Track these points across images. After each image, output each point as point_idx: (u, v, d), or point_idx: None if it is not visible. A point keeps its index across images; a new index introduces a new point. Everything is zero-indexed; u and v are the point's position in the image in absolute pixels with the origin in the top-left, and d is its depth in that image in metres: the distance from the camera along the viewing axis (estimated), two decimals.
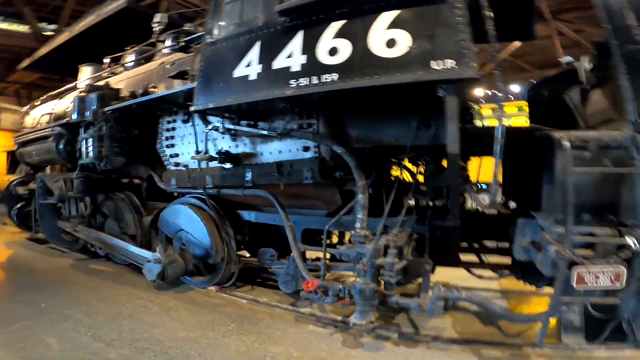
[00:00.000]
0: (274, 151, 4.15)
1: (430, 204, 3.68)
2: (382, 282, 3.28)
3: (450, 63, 2.62)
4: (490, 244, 4.30)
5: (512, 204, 5.03)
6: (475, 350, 3.40)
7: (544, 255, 2.72)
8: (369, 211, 3.53)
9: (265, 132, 3.98)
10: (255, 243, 5.02)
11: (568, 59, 4.10)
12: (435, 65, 2.66)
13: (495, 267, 4.10)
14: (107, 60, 6.98)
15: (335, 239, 5.26)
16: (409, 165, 4.53)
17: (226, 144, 4.55)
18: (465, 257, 4.48)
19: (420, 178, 3.93)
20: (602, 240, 2.45)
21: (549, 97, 4.13)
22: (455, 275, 4.44)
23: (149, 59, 6.19)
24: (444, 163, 3.88)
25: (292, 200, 4.39)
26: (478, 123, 4.63)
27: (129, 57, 6.63)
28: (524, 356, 3.27)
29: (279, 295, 4.59)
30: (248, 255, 5.59)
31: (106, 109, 5.30)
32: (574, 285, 2.47)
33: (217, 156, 4.32)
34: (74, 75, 7.83)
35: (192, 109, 3.97)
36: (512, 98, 12.69)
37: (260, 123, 4.13)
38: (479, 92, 9.20)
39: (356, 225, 3.35)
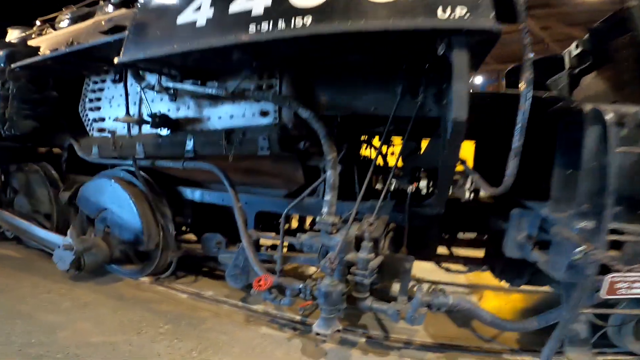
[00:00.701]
0: (224, 116, 3.25)
1: (411, 187, 3.00)
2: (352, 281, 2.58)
3: (461, 10, 1.91)
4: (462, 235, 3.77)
5: (483, 193, 4.57)
6: (452, 358, 2.87)
7: (556, 256, 2.14)
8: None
9: (213, 92, 3.07)
10: (200, 226, 4.14)
11: None
12: (441, 12, 1.94)
13: (469, 261, 3.55)
14: (38, 22, 5.79)
15: (295, 224, 4.50)
16: (376, 143, 3.85)
17: (165, 106, 3.58)
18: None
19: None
20: (637, 240, 1.89)
21: None
22: (418, 267, 3.79)
23: (86, 18, 4.98)
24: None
25: (244, 177, 3.56)
26: None
27: (65, 17, 5.35)
28: None
29: (228, 289, 3.77)
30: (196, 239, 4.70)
31: (13, 65, 4.18)
32: (603, 294, 1.92)
33: (149, 119, 3.34)
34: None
35: (117, 60, 2.98)
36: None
37: (209, 83, 3.23)
38: None
39: (323, 210, 2.61)
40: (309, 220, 4.43)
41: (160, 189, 3.87)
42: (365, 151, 3.92)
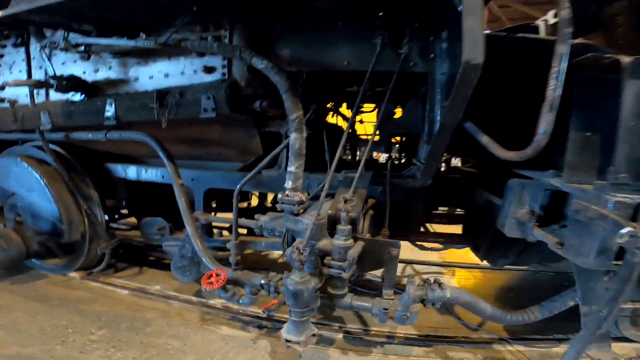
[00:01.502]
0: (158, 75, 2.48)
1: (390, 156, 2.42)
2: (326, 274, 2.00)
3: None
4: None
5: (456, 162, 4.11)
6: (442, 353, 2.44)
7: (579, 238, 1.66)
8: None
9: (139, 44, 2.26)
10: (141, 210, 3.35)
11: None
12: None
13: (448, 240, 3.07)
14: None
15: (255, 202, 3.82)
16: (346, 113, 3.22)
17: (79, 69, 2.74)
18: None
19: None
20: None
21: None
22: None
23: None
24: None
25: (191, 149, 2.81)
26: None
27: None
28: (499, 358, 2.40)
29: (180, 281, 3.02)
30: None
31: None
32: None
33: (52, 82, 2.47)
34: None
35: (2, 13, 2.12)
36: None
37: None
38: None
39: (286, 184, 1.97)
40: (270, 197, 3.76)
41: (82, 167, 3.02)
42: (333, 118, 3.29)
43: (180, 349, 2.38)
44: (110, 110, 2.52)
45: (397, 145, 3.39)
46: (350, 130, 2.50)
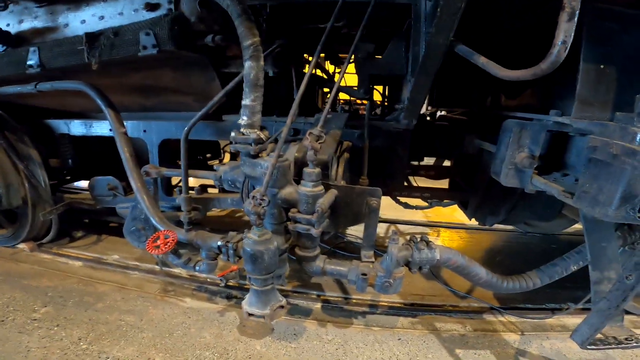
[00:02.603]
0: (91, 19, 2.03)
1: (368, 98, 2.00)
2: (293, 231, 1.59)
3: None
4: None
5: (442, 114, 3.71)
6: (429, 324, 2.12)
7: (595, 183, 1.28)
8: (264, 108, 1.77)
9: None
10: (93, 169, 2.86)
11: None
12: None
13: (435, 195, 2.68)
14: None
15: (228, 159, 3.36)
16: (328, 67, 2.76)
17: (2, 22, 2.24)
18: None
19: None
20: None
21: None
22: None
23: None
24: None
25: (142, 98, 2.34)
26: None
27: None
28: (490, 330, 2.06)
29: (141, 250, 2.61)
30: None
31: None
32: None
33: None
34: None
35: None
36: None
37: None
38: None
39: (241, 119, 1.51)
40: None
41: (17, 123, 2.50)
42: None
43: (135, 325, 2.01)
44: (33, 59, 2.04)
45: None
46: (314, 70, 2.06)
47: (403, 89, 2.16)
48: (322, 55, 3.00)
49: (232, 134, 1.49)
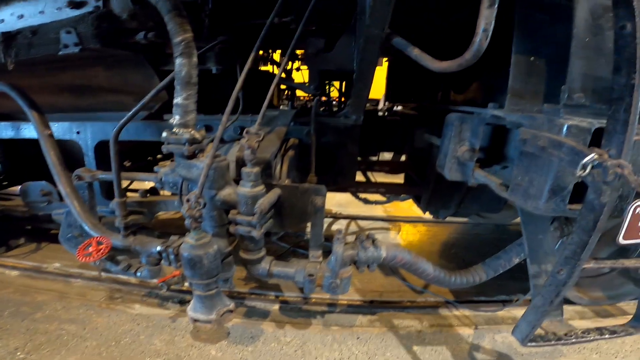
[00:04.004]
0: (10, 18, 1.85)
1: (318, 95, 1.98)
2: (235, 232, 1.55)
3: None
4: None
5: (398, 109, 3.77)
6: (387, 321, 2.14)
7: (527, 175, 1.32)
8: (211, 107, 1.70)
9: None
10: (27, 174, 2.67)
11: None
12: None
13: (391, 190, 2.72)
14: None
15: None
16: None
17: None
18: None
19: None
20: None
21: None
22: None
23: None
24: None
25: (76, 99, 2.19)
26: None
27: None
28: (446, 325, 2.11)
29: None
30: None
31: None
32: (621, 239, 1.16)
33: None
34: None
35: None
36: None
37: None
38: None
39: (173, 119, 1.44)
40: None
41: None
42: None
43: (77, 334, 1.91)
44: None
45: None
46: (272, 68, 2.02)
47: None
48: (279, 51, 2.94)
49: (164, 134, 1.42)
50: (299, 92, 3.50)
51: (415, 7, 1.96)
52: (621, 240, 1.19)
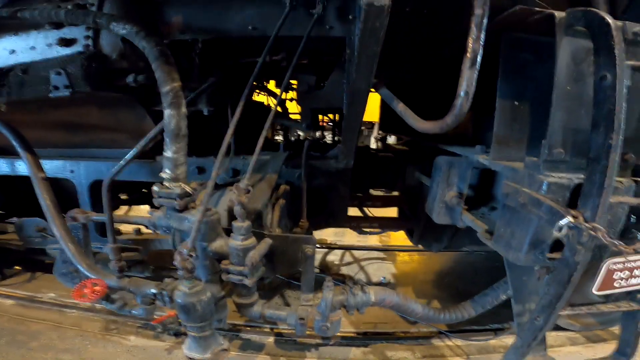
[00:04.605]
0: (2, 52, 1.88)
1: (310, 134, 2.03)
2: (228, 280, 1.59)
3: None
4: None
5: (392, 140, 3.83)
6: (380, 353, 2.19)
7: (509, 227, 1.37)
8: (204, 148, 1.74)
9: None
10: (24, 208, 2.70)
11: None
12: None
13: (384, 225, 2.79)
14: None
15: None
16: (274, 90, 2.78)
17: None
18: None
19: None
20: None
21: None
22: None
23: None
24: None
25: (69, 135, 2.23)
26: None
27: None
28: (438, 355, 2.15)
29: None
30: None
31: None
32: (595, 290, 1.22)
33: None
34: None
35: None
36: None
37: None
38: None
39: (164, 172, 1.49)
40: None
41: None
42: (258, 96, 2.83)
43: None
44: None
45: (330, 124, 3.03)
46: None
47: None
48: (273, 82, 2.99)
49: (155, 187, 1.46)
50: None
51: (403, 49, 2.01)
52: (595, 292, 1.25)
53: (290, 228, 1.87)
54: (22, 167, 2.35)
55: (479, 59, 1.10)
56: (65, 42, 1.77)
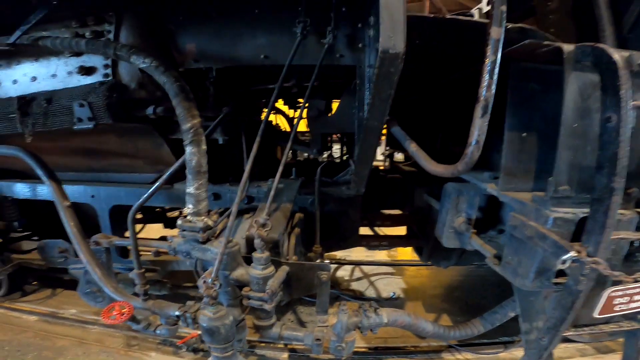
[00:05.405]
0: (23, 79, 1.99)
1: (321, 158, 2.13)
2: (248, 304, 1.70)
3: None
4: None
5: (399, 156, 3.90)
6: None
7: (516, 256, 1.46)
8: (219, 175, 1.84)
9: None
10: (46, 229, 2.84)
11: None
12: None
13: (393, 243, 2.88)
14: None
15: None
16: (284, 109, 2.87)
17: None
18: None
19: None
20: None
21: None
22: None
23: None
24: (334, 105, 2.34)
25: (89, 160, 2.35)
26: None
27: None
28: None
29: None
30: None
31: None
32: (596, 313, 1.31)
33: None
34: None
35: None
36: None
37: None
38: None
39: (187, 207, 1.59)
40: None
41: None
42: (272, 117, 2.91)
43: None
44: None
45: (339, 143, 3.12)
46: (283, 130, 2.17)
47: (355, 144, 2.31)
48: (283, 102, 3.08)
49: (179, 221, 1.57)
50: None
51: (411, 78, 2.10)
52: (596, 315, 1.34)
53: (304, 253, 1.97)
54: (43, 191, 2.47)
55: (490, 106, 1.19)
56: (85, 71, 1.87)
